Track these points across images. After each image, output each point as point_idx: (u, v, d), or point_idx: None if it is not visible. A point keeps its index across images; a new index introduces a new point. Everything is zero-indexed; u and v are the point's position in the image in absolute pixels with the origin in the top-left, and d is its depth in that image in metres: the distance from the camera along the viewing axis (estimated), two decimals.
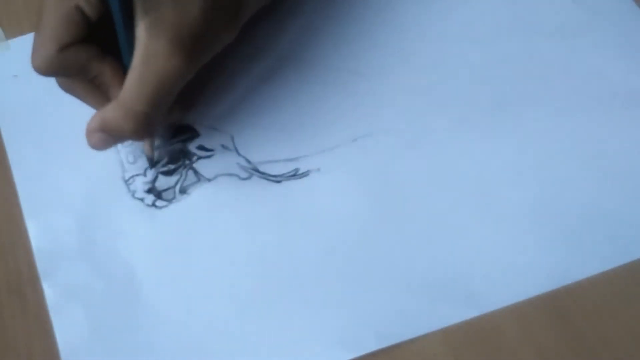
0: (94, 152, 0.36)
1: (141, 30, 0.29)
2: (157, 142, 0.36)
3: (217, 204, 0.34)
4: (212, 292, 0.32)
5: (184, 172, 0.35)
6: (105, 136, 0.31)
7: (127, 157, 0.35)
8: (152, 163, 0.35)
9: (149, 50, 0.29)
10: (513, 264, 0.31)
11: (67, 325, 0.32)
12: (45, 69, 0.30)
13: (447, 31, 0.38)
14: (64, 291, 0.32)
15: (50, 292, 0.32)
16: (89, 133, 0.31)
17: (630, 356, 0.29)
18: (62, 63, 0.30)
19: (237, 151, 0.35)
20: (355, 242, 0.32)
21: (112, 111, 0.30)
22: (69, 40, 0.30)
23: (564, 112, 0.34)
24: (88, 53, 0.30)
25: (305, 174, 0.34)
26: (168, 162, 0.35)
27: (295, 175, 0.34)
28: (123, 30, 0.30)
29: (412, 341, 0.30)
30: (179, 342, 0.31)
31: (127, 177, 0.35)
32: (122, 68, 0.31)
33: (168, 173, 0.35)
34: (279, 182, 0.34)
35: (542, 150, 0.34)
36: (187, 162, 0.35)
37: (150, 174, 0.35)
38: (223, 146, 0.35)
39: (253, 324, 0.31)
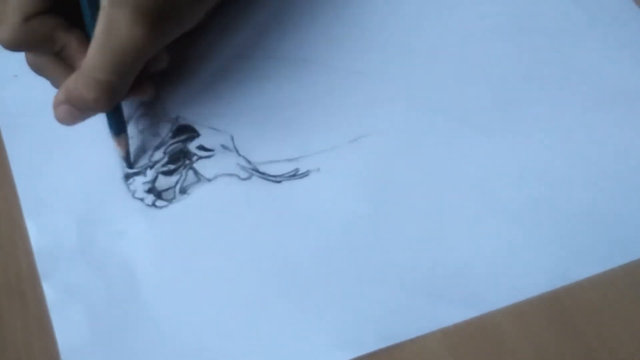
0: (94, 152, 0.36)
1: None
2: (157, 142, 0.36)
3: (217, 204, 0.34)
4: (211, 292, 0.32)
5: (184, 172, 0.35)
6: (70, 108, 0.31)
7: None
8: (129, 162, 0.35)
9: (111, 19, 0.29)
10: (513, 263, 0.31)
11: (67, 325, 0.32)
12: (11, 41, 0.30)
13: (447, 31, 0.38)
14: (64, 291, 0.32)
15: (50, 292, 0.32)
16: (55, 106, 0.31)
17: (630, 356, 0.29)
18: (28, 34, 0.30)
19: (237, 151, 0.35)
20: (355, 242, 0.32)
21: (74, 80, 0.30)
22: (34, 11, 0.30)
23: (564, 112, 0.34)
24: (54, 23, 0.30)
25: (305, 174, 0.34)
26: (168, 162, 0.35)
27: (295, 175, 0.34)
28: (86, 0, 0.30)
29: (412, 341, 0.30)
30: (179, 342, 0.31)
31: (127, 177, 0.35)
32: (87, 39, 0.31)
33: (168, 173, 0.35)
34: (279, 182, 0.34)
35: (542, 150, 0.34)
36: (187, 162, 0.35)
37: (150, 174, 0.35)
38: (223, 146, 0.35)
39: (253, 324, 0.31)
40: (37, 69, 0.33)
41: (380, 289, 0.31)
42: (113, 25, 0.29)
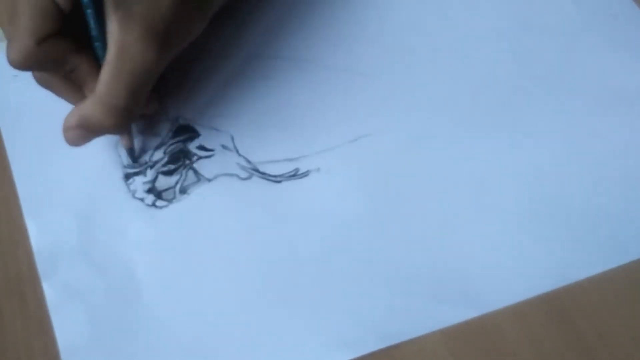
0: (94, 152, 0.36)
1: (113, 24, 0.29)
2: (157, 142, 0.36)
3: (217, 204, 0.34)
4: (211, 292, 0.32)
5: (184, 172, 0.35)
6: (83, 132, 0.31)
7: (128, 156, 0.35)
8: (133, 157, 0.35)
9: (123, 45, 0.29)
10: (513, 264, 0.31)
11: (67, 325, 0.32)
12: (23, 63, 0.30)
13: (447, 31, 0.38)
14: (64, 291, 0.32)
15: (50, 292, 0.32)
16: (67, 130, 0.31)
17: (630, 356, 0.29)
18: (40, 56, 0.30)
19: (237, 151, 0.35)
20: (355, 242, 0.32)
21: (91, 107, 0.30)
22: (46, 33, 0.29)
23: (564, 112, 0.34)
24: (65, 46, 0.30)
25: (305, 174, 0.34)
26: (168, 162, 0.35)
27: (295, 175, 0.34)
28: (95, 24, 0.30)
29: (412, 341, 0.30)
30: (179, 342, 0.31)
31: (127, 177, 0.35)
32: (96, 61, 0.31)
33: (168, 173, 0.35)
34: (279, 182, 0.34)
35: (542, 151, 0.34)
36: (187, 162, 0.35)
37: (150, 174, 0.35)
38: (223, 146, 0.35)
39: (253, 324, 0.31)
40: (44, 85, 0.33)
41: (380, 289, 0.31)
42: (124, 50, 0.29)
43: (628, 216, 0.32)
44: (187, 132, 0.36)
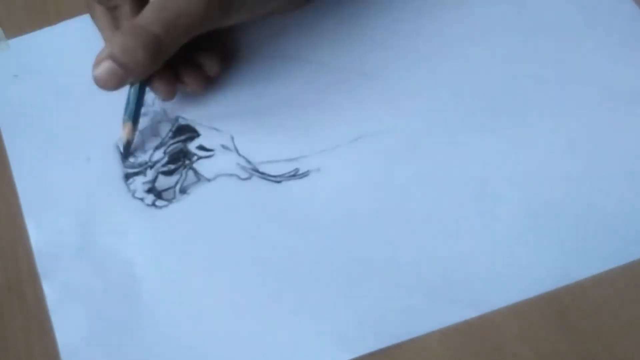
0: (94, 152, 0.36)
1: None
2: (157, 142, 0.36)
3: (217, 204, 0.34)
4: (211, 291, 0.32)
5: (184, 172, 0.35)
6: (111, 65, 0.30)
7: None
8: (127, 152, 0.35)
9: None
10: (513, 263, 0.31)
11: (67, 325, 0.32)
12: None
13: (447, 31, 0.38)
14: (64, 291, 0.32)
15: (50, 292, 0.32)
16: (97, 63, 0.31)
17: (630, 356, 0.29)
18: None
19: (237, 151, 0.35)
20: (355, 242, 0.32)
21: (123, 31, 0.30)
22: None
23: (564, 112, 0.34)
24: None
25: (305, 174, 0.34)
26: (168, 162, 0.35)
27: (295, 175, 0.34)
28: None
29: (411, 341, 0.30)
30: (179, 342, 0.31)
31: (127, 177, 0.35)
32: (142, 6, 0.31)
33: (168, 173, 0.35)
34: (279, 182, 0.34)
35: (542, 150, 0.34)
36: (187, 162, 0.35)
37: (150, 174, 0.35)
38: (223, 146, 0.35)
39: (253, 324, 0.31)
40: (92, 16, 0.34)
41: (380, 289, 0.31)
42: None
43: (628, 216, 0.32)
44: (187, 132, 0.36)
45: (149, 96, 0.37)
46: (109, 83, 0.31)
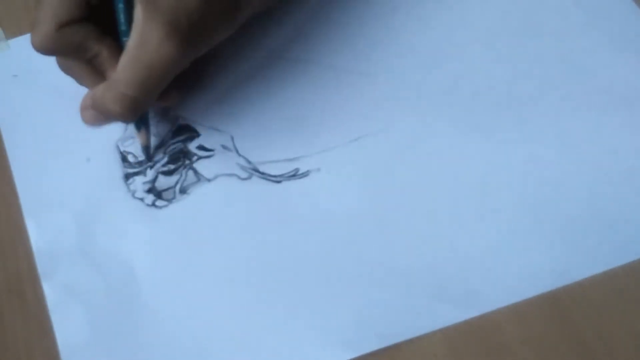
0: (94, 152, 0.36)
1: (138, 13, 0.29)
2: (157, 142, 0.36)
3: (217, 204, 0.34)
4: (211, 291, 0.32)
5: (184, 172, 0.35)
6: (96, 114, 0.32)
7: (128, 156, 0.36)
8: (148, 153, 0.35)
9: (144, 34, 0.29)
10: (513, 263, 0.31)
11: (67, 325, 0.32)
12: (44, 47, 0.30)
13: (447, 31, 0.37)
14: (64, 291, 0.32)
15: (50, 292, 0.32)
16: (82, 109, 0.32)
17: (630, 356, 0.29)
18: (60, 41, 0.30)
19: (237, 151, 0.35)
20: (355, 242, 0.32)
21: (102, 91, 0.30)
22: (68, 19, 0.30)
23: (564, 112, 0.34)
24: (86, 33, 0.31)
25: (305, 174, 0.34)
26: (168, 162, 0.35)
27: (295, 175, 0.34)
28: (122, 12, 0.30)
29: (412, 341, 0.30)
30: (179, 341, 0.31)
31: (127, 177, 0.35)
32: (120, 50, 0.31)
33: (168, 173, 0.35)
34: (279, 182, 0.34)
35: (542, 151, 0.34)
36: (187, 162, 0.35)
37: (150, 174, 0.35)
38: (223, 146, 0.35)
39: (253, 324, 0.31)
40: (66, 71, 0.33)
41: (380, 288, 0.31)
42: (145, 39, 0.29)
43: (628, 216, 0.32)
44: (187, 132, 0.36)
45: None
46: (95, 125, 0.33)
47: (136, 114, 0.31)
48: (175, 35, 0.29)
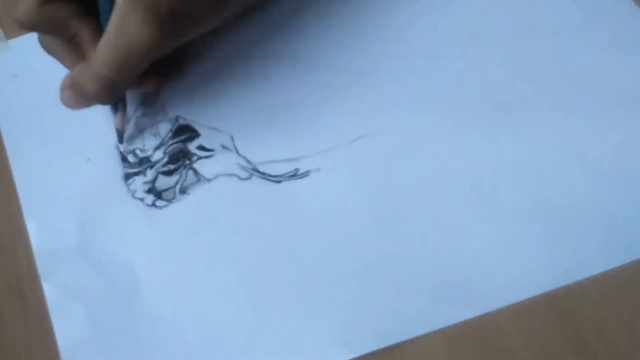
0: (94, 153, 0.36)
1: None
2: (157, 142, 0.36)
3: (217, 204, 0.34)
4: (211, 291, 0.32)
5: (184, 172, 0.35)
6: (74, 95, 0.32)
7: (128, 156, 0.36)
8: (121, 137, 0.35)
9: (124, 16, 0.29)
10: (513, 263, 0.31)
11: (67, 325, 0.32)
12: (24, 22, 0.31)
13: (447, 31, 0.37)
14: (64, 291, 0.32)
15: (50, 292, 0.32)
16: (61, 89, 0.32)
17: (630, 356, 0.29)
18: (41, 17, 0.31)
19: (237, 151, 0.35)
20: (355, 242, 0.32)
21: (80, 70, 0.31)
22: None
23: (564, 112, 0.34)
24: (68, 10, 0.31)
25: (305, 174, 0.34)
26: (168, 162, 0.35)
27: (295, 175, 0.34)
28: None
29: (412, 341, 0.30)
30: (179, 341, 0.31)
31: (127, 177, 0.35)
32: (101, 31, 0.31)
33: (168, 173, 0.35)
34: (279, 182, 0.34)
35: (542, 150, 0.34)
36: (187, 162, 0.35)
37: (150, 174, 0.35)
38: (223, 146, 0.35)
39: (253, 324, 0.31)
40: (48, 50, 0.34)
41: (380, 289, 0.31)
42: (124, 23, 0.29)
43: (628, 216, 0.32)
44: (187, 132, 0.36)
45: (150, 97, 0.37)
46: (73, 107, 0.32)
47: (112, 95, 0.31)
48: (154, 21, 0.29)
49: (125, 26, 0.29)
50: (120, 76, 0.30)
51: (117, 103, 0.34)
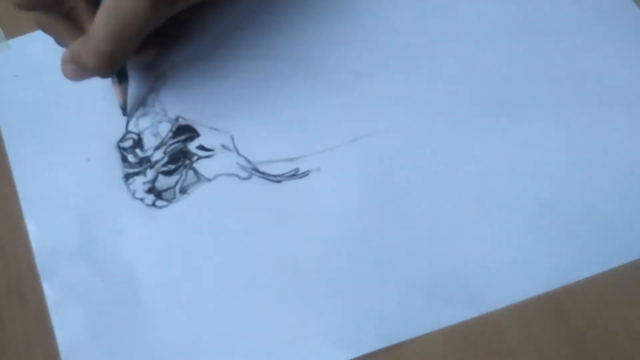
0: (94, 152, 0.36)
1: None
2: (157, 142, 0.36)
3: (217, 204, 0.34)
4: (211, 291, 0.32)
5: (184, 172, 0.35)
6: (75, 68, 0.32)
7: (128, 156, 0.36)
8: (125, 110, 0.36)
9: None
10: (513, 263, 0.31)
11: (67, 325, 0.32)
12: (23, 1, 0.31)
13: (447, 31, 0.38)
14: (64, 291, 0.32)
15: (50, 292, 0.32)
16: (63, 63, 0.32)
17: (630, 356, 0.29)
18: None
19: (237, 151, 0.35)
20: (355, 242, 0.32)
21: (79, 44, 0.31)
22: None
23: (564, 112, 0.34)
24: None
25: (305, 174, 0.34)
26: (168, 162, 0.35)
27: (295, 175, 0.34)
28: None
29: (412, 341, 0.30)
30: (179, 342, 0.31)
31: (127, 177, 0.35)
32: (97, 5, 0.31)
33: (168, 173, 0.35)
34: (279, 182, 0.34)
35: (542, 150, 0.34)
36: (187, 162, 0.35)
37: (150, 174, 0.35)
38: (223, 146, 0.35)
39: (253, 324, 0.31)
40: (44, 27, 0.34)
41: (380, 288, 0.31)
42: None
43: (628, 216, 0.32)
44: (187, 132, 0.36)
45: (149, 97, 0.37)
46: (75, 79, 0.33)
47: (112, 68, 0.32)
48: None
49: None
50: (118, 48, 0.30)
51: (118, 75, 0.35)
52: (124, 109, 0.36)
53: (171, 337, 0.31)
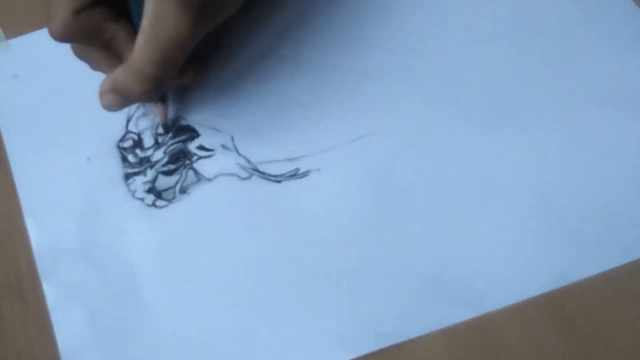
0: (94, 152, 0.36)
1: None
2: (156, 143, 0.36)
3: (217, 204, 0.34)
4: (211, 291, 0.32)
5: (184, 172, 0.35)
6: (116, 97, 0.31)
7: (128, 156, 0.36)
8: (167, 128, 0.36)
9: (158, 13, 0.29)
10: (513, 263, 0.31)
11: (67, 325, 0.32)
12: (62, 35, 0.31)
13: (447, 31, 0.38)
14: (64, 291, 0.32)
15: (50, 292, 0.32)
16: (102, 94, 0.32)
17: (630, 356, 0.29)
18: (78, 27, 0.31)
19: (237, 151, 0.35)
20: (355, 242, 0.32)
21: (122, 73, 0.30)
22: (83, 4, 0.30)
23: (564, 112, 0.34)
24: (102, 15, 0.31)
25: (305, 174, 0.34)
26: (168, 162, 0.35)
27: (295, 175, 0.34)
28: None
29: (412, 341, 0.30)
30: (179, 342, 0.31)
31: (127, 177, 0.35)
32: (135, 30, 0.31)
33: (168, 173, 0.35)
34: (279, 182, 0.34)
35: (542, 150, 0.34)
36: (187, 162, 0.35)
37: (151, 173, 0.35)
38: (223, 146, 0.35)
39: (253, 324, 0.31)
40: (83, 57, 0.34)
41: (380, 289, 0.31)
42: (159, 18, 0.29)
43: (628, 216, 0.32)
44: (187, 132, 0.36)
45: None
46: (116, 109, 0.32)
47: (158, 92, 0.31)
48: (187, 11, 0.29)
49: (160, 21, 0.29)
50: (163, 72, 0.30)
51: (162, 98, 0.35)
52: (166, 126, 0.36)
53: (171, 337, 0.31)
